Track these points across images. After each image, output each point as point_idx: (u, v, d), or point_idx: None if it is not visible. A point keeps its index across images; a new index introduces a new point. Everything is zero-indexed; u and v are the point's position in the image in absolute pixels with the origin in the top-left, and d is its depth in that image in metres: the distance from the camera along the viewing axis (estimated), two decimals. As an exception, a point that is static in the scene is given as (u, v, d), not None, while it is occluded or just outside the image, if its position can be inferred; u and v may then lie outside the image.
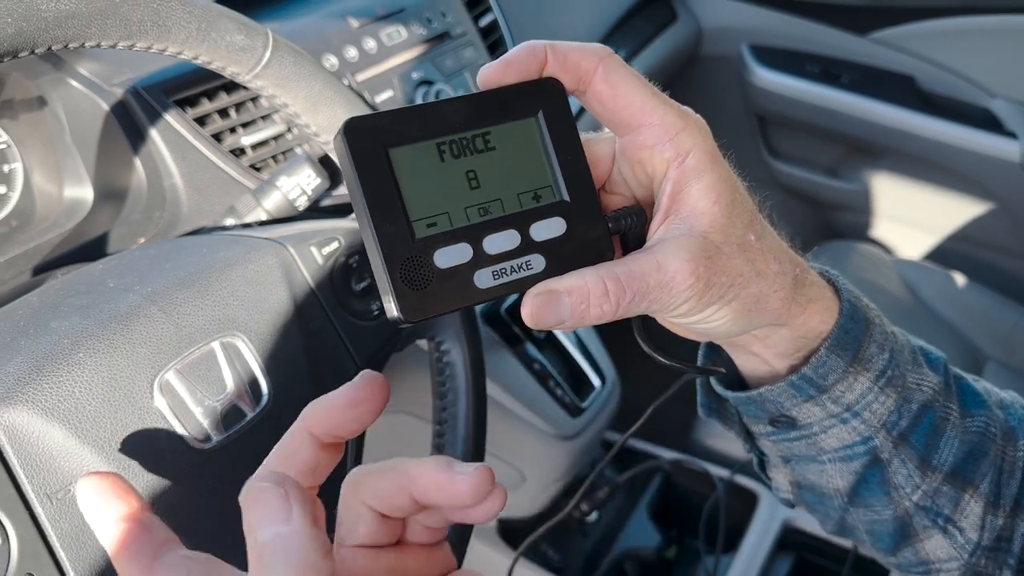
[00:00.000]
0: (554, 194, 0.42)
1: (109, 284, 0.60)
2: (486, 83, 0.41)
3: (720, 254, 0.42)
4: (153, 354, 0.56)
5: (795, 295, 0.45)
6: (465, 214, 0.40)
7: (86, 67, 0.87)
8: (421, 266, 0.38)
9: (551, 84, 0.42)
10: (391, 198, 0.38)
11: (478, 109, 0.41)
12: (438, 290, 0.39)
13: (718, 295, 0.42)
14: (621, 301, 0.40)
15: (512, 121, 0.41)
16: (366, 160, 0.38)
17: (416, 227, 0.39)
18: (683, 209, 0.42)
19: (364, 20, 1.09)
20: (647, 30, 1.75)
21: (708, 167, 0.42)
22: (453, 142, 0.40)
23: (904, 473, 0.51)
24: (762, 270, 0.43)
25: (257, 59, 0.63)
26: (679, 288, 0.41)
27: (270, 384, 0.61)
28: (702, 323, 0.44)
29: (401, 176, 0.38)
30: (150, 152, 0.87)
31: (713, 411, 0.56)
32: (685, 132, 0.41)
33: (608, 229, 0.43)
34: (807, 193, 1.99)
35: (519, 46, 0.41)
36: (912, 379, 0.51)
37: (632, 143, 0.43)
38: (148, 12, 0.57)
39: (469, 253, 0.40)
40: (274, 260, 0.65)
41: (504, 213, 0.41)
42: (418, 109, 0.40)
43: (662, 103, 0.42)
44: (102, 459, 0.53)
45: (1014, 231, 1.76)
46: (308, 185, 0.78)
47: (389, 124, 0.39)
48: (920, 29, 1.73)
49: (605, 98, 0.41)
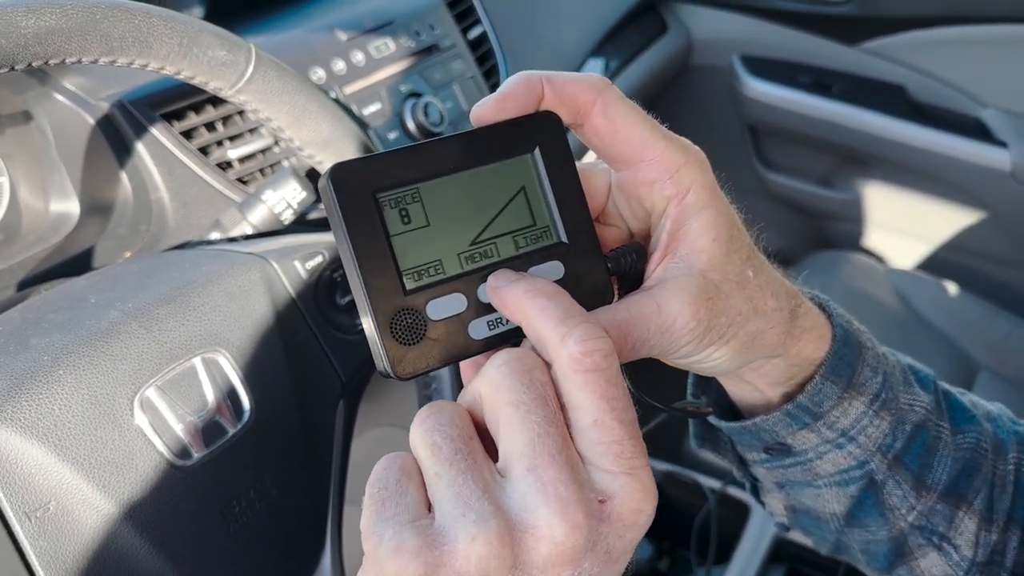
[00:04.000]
0: (551, 236, 0.40)
1: (91, 300, 0.60)
2: (481, 121, 0.40)
3: (719, 294, 0.41)
4: (134, 370, 0.56)
5: (791, 328, 0.45)
6: (459, 261, 0.38)
7: (72, 81, 0.86)
8: (413, 319, 0.37)
9: (548, 118, 0.40)
10: (380, 248, 0.37)
11: (471, 148, 0.39)
12: (431, 343, 0.37)
13: (717, 335, 0.42)
14: (623, 350, 0.39)
15: (507, 159, 0.40)
16: (353, 207, 0.36)
17: (407, 278, 0.37)
18: (682, 247, 0.41)
19: (352, 33, 1.09)
20: (637, 41, 1.75)
21: (708, 203, 0.41)
22: (445, 184, 0.38)
23: (899, 494, 0.51)
24: (760, 307, 0.43)
25: (240, 74, 0.63)
26: (680, 332, 0.40)
27: (252, 400, 0.61)
28: (700, 363, 0.44)
29: (391, 223, 0.37)
30: (136, 166, 0.87)
31: (706, 442, 0.56)
32: (685, 168, 0.41)
33: (608, 270, 0.42)
34: (799, 203, 1.99)
35: (514, 78, 0.40)
36: (905, 400, 0.50)
37: (631, 178, 0.42)
38: (129, 28, 0.57)
39: (463, 303, 0.38)
40: (257, 275, 0.64)
41: (499, 258, 0.39)
42: (408, 151, 0.38)
43: (662, 138, 0.41)
44: (82, 477, 0.53)
45: (1006, 240, 1.76)
46: (294, 199, 0.78)
47: (378, 168, 0.37)
48: (910, 39, 1.73)
49: (603, 133, 0.41)
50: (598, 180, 0.44)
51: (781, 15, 1.83)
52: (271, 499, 0.60)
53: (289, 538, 0.62)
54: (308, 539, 0.63)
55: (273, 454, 0.61)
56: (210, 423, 0.58)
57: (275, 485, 0.61)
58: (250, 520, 0.60)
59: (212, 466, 0.58)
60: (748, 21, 1.87)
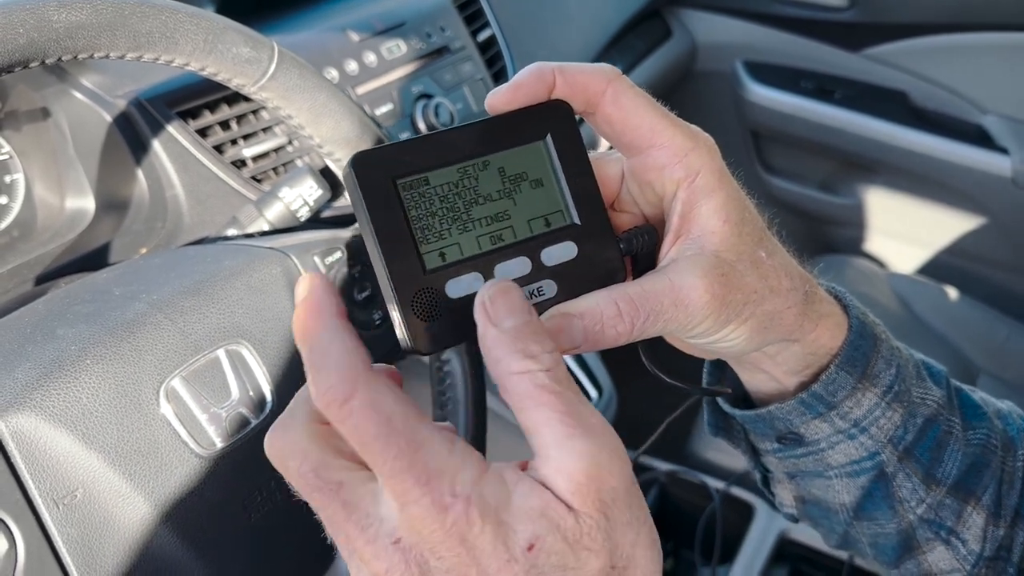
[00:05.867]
0: (565, 218, 0.42)
1: (115, 292, 0.61)
2: (494, 108, 0.41)
3: (734, 272, 0.42)
4: (159, 361, 0.57)
5: (807, 310, 0.46)
6: (476, 242, 0.40)
7: (90, 79, 0.87)
8: (433, 297, 0.38)
9: (559, 107, 0.42)
10: (401, 230, 0.38)
11: (486, 135, 0.41)
12: (450, 320, 0.39)
13: (735, 313, 0.42)
14: (636, 322, 0.40)
15: (520, 146, 0.41)
16: (375, 193, 0.38)
17: (427, 258, 0.39)
18: (694, 229, 0.42)
19: (364, 34, 1.10)
20: (642, 46, 1.76)
21: (717, 186, 0.42)
22: (461, 170, 0.40)
23: (909, 487, 0.51)
24: (775, 286, 0.44)
25: (263, 71, 0.64)
26: (695, 306, 0.41)
27: (273, 392, 0.61)
28: (719, 342, 0.44)
29: (411, 207, 0.39)
30: (152, 163, 0.88)
31: (720, 430, 0.56)
32: (694, 153, 0.42)
33: (620, 251, 0.43)
34: (801, 208, 2.00)
35: (527, 69, 0.41)
36: (917, 394, 0.51)
37: (641, 164, 0.43)
38: (157, 24, 0.58)
39: (481, 282, 0.39)
40: (278, 269, 0.65)
41: (515, 240, 0.41)
42: (426, 139, 0.40)
43: (671, 124, 0.42)
44: (108, 465, 0.53)
45: (1006, 245, 1.77)
46: (310, 196, 0.79)
47: (397, 155, 0.39)
48: (912, 46, 1.74)
49: (614, 120, 0.42)
50: (611, 168, 0.45)
51: (784, 21, 1.84)
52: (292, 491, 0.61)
53: (308, 531, 0.63)
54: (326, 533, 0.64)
55: (294, 446, 0.62)
56: (233, 414, 0.59)
57: (295, 476, 0.61)
58: (271, 511, 0.60)
59: (235, 456, 0.59)
60: (751, 27, 1.88)
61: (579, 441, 0.33)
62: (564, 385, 0.34)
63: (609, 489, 0.33)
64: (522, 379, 0.34)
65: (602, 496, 0.33)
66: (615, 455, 0.34)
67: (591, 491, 0.33)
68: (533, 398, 0.34)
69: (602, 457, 0.33)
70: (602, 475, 0.33)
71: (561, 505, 0.33)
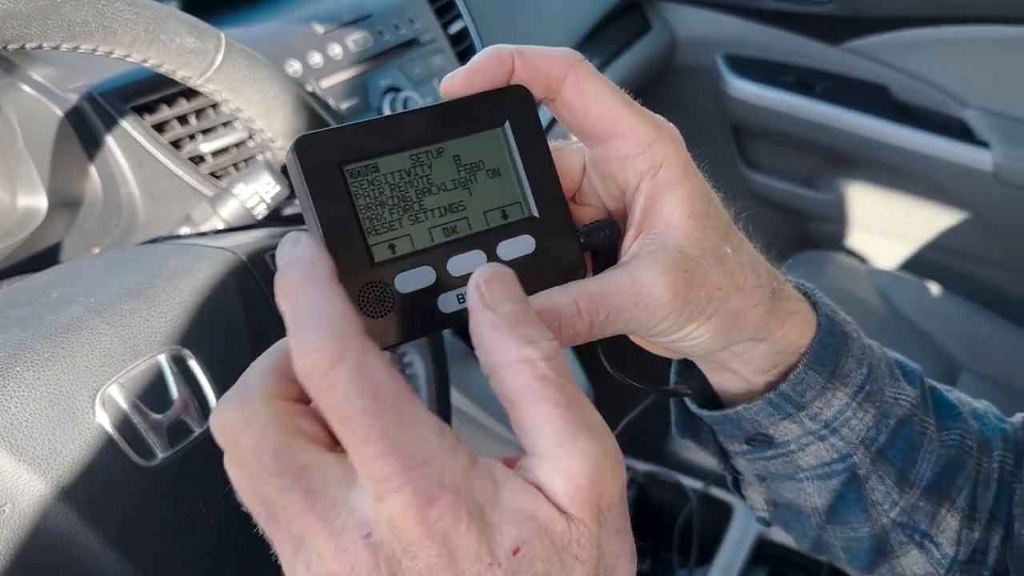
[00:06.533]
0: (523, 210, 0.40)
1: (52, 295, 0.58)
2: (450, 93, 0.39)
3: (697, 267, 0.40)
4: (95, 367, 0.54)
5: (773, 308, 0.44)
6: (428, 234, 0.38)
7: (39, 72, 0.84)
8: (381, 292, 0.37)
9: (519, 92, 0.40)
10: (347, 219, 0.36)
11: (441, 121, 0.39)
12: (400, 316, 0.37)
13: (698, 311, 0.41)
14: (595, 321, 0.39)
15: (477, 133, 0.39)
16: (320, 179, 0.36)
17: (375, 250, 0.37)
18: (657, 223, 0.41)
19: (330, 26, 1.07)
20: (621, 39, 1.75)
21: (682, 179, 0.40)
22: (414, 157, 0.38)
23: (882, 490, 0.50)
24: (740, 283, 0.42)
25: (209, 62, 0.61)
26: (656, 305, 0.39)
27: (219, 398, 0.59)
28: (682, 341, 0.43)
29: (358, 196, 0.37)
30: (105, 159, 0.85)
31: (687, 431, 0.55)
32: (658, 143, 0.40)
33: (580, 245, 0.41)
34: (782, 203, 1.99)
35: (484, 51, 0.39)
36: (890, 394, 0.50)
37: (603, 154, 0.41)
38: (92, 12, 0.55)
39: (432, 276, 0.38)
40: (226, 270, 0.63)
41: (470, 232, 0.39)
42: (376, 123, 0.38)
43: (634, 113, 0.40)
44: (39, 478, 0.51)
45: (988, 240, 1.77)
46: (267, 193, 0.76)
47: (344, 139, 0.37)
48: (893, 39, 1.73)
49: (575, 107, 0.40)
50: (572, 158, 0.43)
51: (765, 14, 1.83)
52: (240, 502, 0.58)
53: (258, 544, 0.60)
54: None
55: (242, 454, 0.59)
56: (175, 422, 0.56)
57: (243, 486, 0.59)
58: (217, 523, 0.58)
59: (177, 467, 0.56)
60: (732, 20, 1.87)
61: (583, 441, 0.30)
62: (566, 378, 0.32)
63: (608, 495, 0.31)
64: (521, 369, 0.31)
65: (600, 502, 0.31)
66: (617, 459, 0.31)
67: (591, 496, 0.30)
68: (533, 391, 0.31)
69: (606, 460, 0.31)
70: (604, 479, 0.31)
71: (553, 508, 0.30)
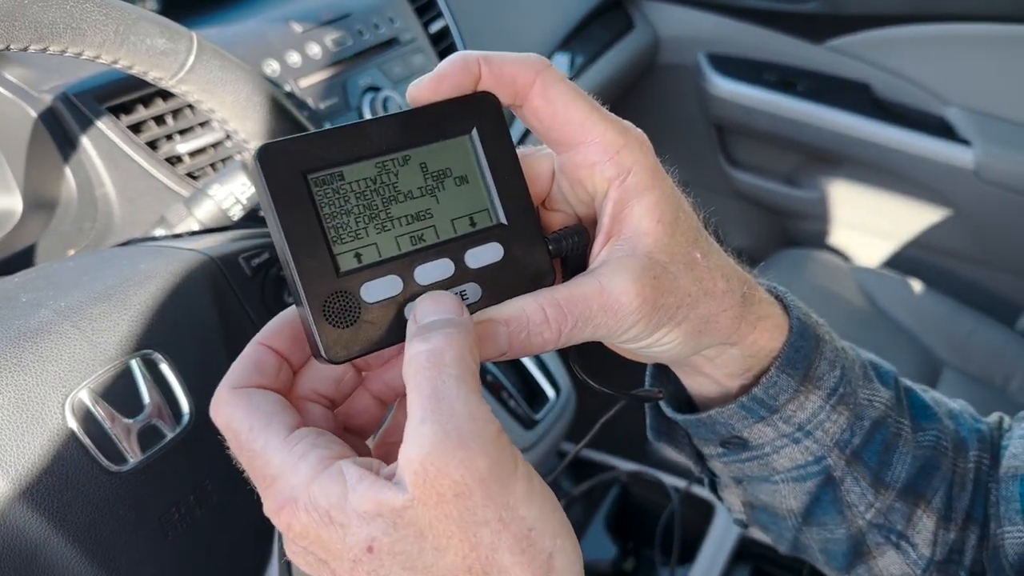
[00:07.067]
0: (491, 217, 0.40)
1: (22, 299, 0.57)
2: (417, 100, 0.39)
3: (666, 274, 0.40)
4: (64, 372, 0.54)
5: (744, 313, 0.44)
6: (395, 243, 0.38)
7: (13, 73, 0.84)
8: (347, 302, 0.36)
9: (486, 99, 0.39)
10: (312, 229, 0.36)
11: (407, 128, 0.38)
12: (366, 326, 0.37)
13: (667, 317, 0.41)
14: (563, 328, 0.38)
15: (444, 140, 0.39)
16: (283, 188, 0.35)
17: (341, 260, 0.36)
18: (626, 229, 0.41)
19: (308, 25, 1.06)
20: (603, 38, 1.74)
21: (650, 185, 0.40)
22: (380, 165, 0.37)
23: (857, 491, 0.50)
24: (710, 289, 0.42)
25: (180, 63, 0.61)
26: (625, 311, 0.39)
27: (192, 402, 0.58)
28: (652, 347, 0.43)
29: (323, 204, 0.36)
30: (81, 160, 0.84)
31: (663, 434, 0.55)
32: (626, 149, 0.40)
33: (549, 252, 0.41)
34: (765, 201, 1.99)
35: (450, 58, 0.39)
36: (864, 395, 0.50)
37: (571, 161, 0.41)
38: (61, 14, 0.55)
39: (399, 285, 0.37)
40: (198, 272, 0.62)
41: (437, 240, 0.39)
42: (341, 130, 0.37)
43: (602, 119, 0.40)
44: (8, 484, 0.50)
45: (969, 238, 1.77)
46: (243, 194, 0.76)
47: (309, 148, 0.36)
48: (875, 37, 1.74)
49: (543, 114, 0.40)
50: (541, 164, 0.43)
51: (747, 13, 1.83)
52: (212, 506, 0.58)
53: (233, 547, 0.60)
54: (253, 548, 0.61)
55: (215, 459, 0.58)
56: (147, 427, 0.56)
57: (217, 491, 0.58)
58: (190, 528, 0.57)
59: (149, 472, 0.55)
60: (714, 19, 1.87)
61: (428, 426, 0.32)
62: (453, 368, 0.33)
63: (451, 481, 0.31)
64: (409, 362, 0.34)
65: (440, 488, 0.31)
66: (466, 445, 0.31)
67: (428, 480, 0.31)
68: (408, 380, 0.34)
69: (447, 444, 0.31)
70: (441, 465, 0.31)
71: (399, 500, 0.31)
